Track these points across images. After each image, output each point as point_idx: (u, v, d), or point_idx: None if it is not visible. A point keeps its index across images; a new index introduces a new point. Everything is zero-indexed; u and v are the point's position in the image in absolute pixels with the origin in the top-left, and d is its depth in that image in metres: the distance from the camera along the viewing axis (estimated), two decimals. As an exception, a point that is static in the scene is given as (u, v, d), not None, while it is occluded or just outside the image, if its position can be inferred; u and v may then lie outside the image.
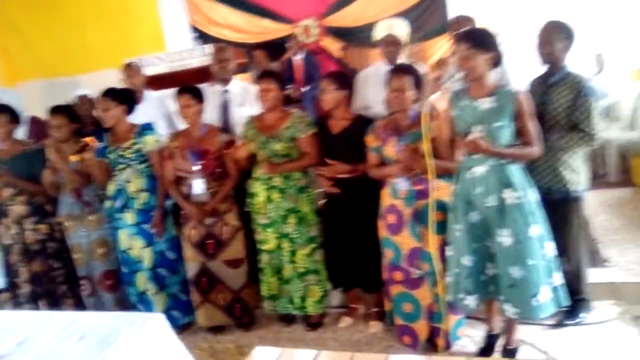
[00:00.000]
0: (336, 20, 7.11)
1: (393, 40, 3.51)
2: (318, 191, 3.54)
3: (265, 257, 3.45)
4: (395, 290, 3.04)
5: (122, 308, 3.65)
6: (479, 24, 3.43)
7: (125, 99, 3.54)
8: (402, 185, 2.89)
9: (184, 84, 3.58)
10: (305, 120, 3.32)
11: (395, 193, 2.94)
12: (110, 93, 3.49)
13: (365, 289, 3.42)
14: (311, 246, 3.36)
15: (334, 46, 7.13)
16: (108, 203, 3.54)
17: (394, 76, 2.90)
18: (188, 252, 3.49)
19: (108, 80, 4.00)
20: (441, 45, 6.59)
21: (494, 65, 2.58)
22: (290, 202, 3.30)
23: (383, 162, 3.00)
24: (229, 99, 3.77)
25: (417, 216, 2.87)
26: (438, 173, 2.75)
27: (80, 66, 7.75)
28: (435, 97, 2.64)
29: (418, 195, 2.87)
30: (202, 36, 7.29)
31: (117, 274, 3.72)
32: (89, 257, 3.68)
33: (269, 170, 3.27)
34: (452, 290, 2.74)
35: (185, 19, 7.60)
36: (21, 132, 4.46)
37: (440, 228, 2.81)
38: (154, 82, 4.83)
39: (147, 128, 3.55)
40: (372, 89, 3.42)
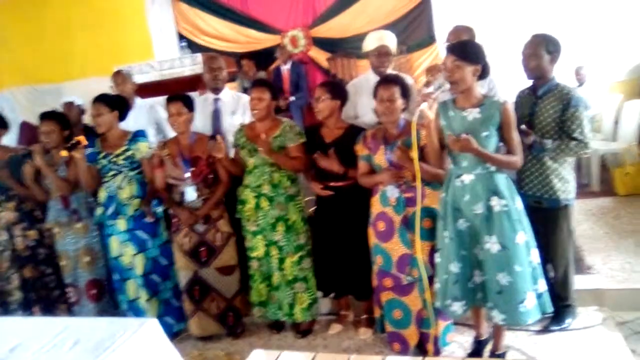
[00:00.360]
0: (323, 31, 7.20)
1: (385, 51, 3.54)
2: (308, 199, 3.57)
3: (254, 264, 3.47)
4: (386, 297, 3.07)
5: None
6: (480, 36, 3.44)
7: (118, 105, 3.54)
8: (392, 192, 2.94)
9: (174, 92, 3.58)
10: (295, 130, 3.34)
11: (385, 200, 2.98)
12: (103, 99, 3.49)
13: (356, 297, 3.44)
14: (299, 254, 3.38)
15: (321, 56, 7.20)
16: (99, 210, 3.53)
17: (382, 87, 2.93)
18: (180, 261, 3.48)
19: (94, 88, 3.99)
20: (427, 57, 6.71)
21: (482, 76, 2.64)
22: (278, 210, 3.32)
23: (373, 171, 3.04)
24: (220, 107, 3.78)
25: (407, 223, 2.91)
26: (427, 181, 2.81)
27: (64, 73, 7.74)
28: (424, 106, 2.69)
29: (407, 202, 2.91)
30: (190, 45, 7.32)
31: (102, 284, 3.71)
32: (75, 264, 3.66)
33: (265, 150, 3.18)
34: (440, 296, 2.78)
35: (173, 28, 7.63)
36: (10, 138, 4.44)
37: (430, 235, 2.86)
38: (144, 90, 4.84)
39: (140, 135, 3.56)
40: (362, 98, 3.45)
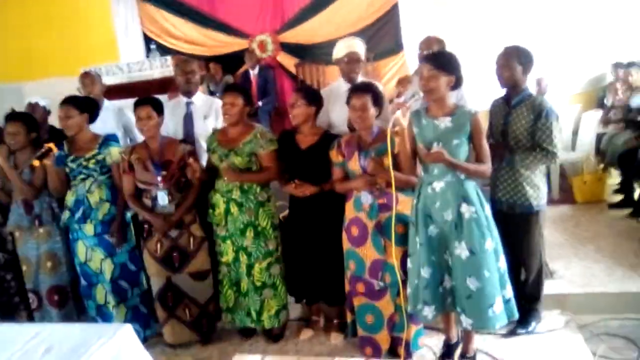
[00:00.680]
0: (291, 36, 7.21)
1: (355, 58, 3.57)
2: (280, 204, 3.58)
3: (223, 269, 3.45)
4: (358, 301, 3.11)
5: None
6: (448, 45, 3.53)
7: (88, 107, 3.47)
8: (366, 198, 2.98)
9: (143, 95, 3.52)
10: (267, 136, 3.31)
11: (358, 206, 3.02)
12: (72, 101, 3.41)
13: (328, 303, 3.45)
14: (268, 260, 3.36)
15: (289, 62, 7.21)
16: (66, 214, 3.45)
17: (354, 95, 2.96)
18: (152, 268, 3.41)
19: (56, 89, 3.91)
20: (394, 65, 6.82)
21: (455, 87, 2.72)
22: (248, 216, 3.30)
23: (347, 177, 3.08)
24: (192, 111, 3.75)
25: (380, 229, 2.96)
26: (400, 187, 2.86)
27: (24, 73, 7.53)
28: (399, 114, 2.75)
29: (381, 208, 2.96)
30: (157, 47, 7.23)
31: (65, 290, 3.62)
32: (36, 270, 3.57)
33: (228, 176, 3.24)
34: (412, 301, 2.84)
35: (138, 29, 7.51)
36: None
37: (402, 240, 2.91)
38: (112, 91, 4.75)
39: (112, 139, 3.49)
40: (335, 106, 3.47)
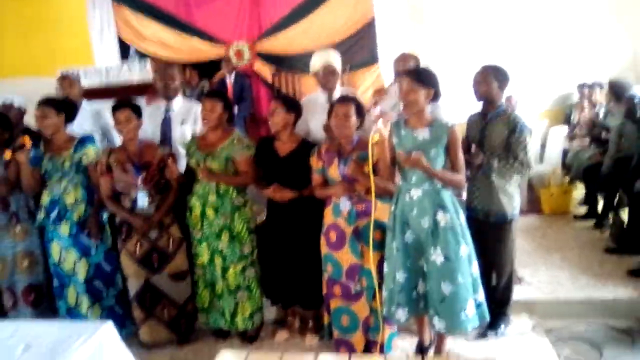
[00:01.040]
0: (268, 46, 7.24)
1: (332, 70, 3.66)
2: (258, 208, 3.63)
3: (199, 271, 3.48)
4: (334, 304, 3.18)
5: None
6: (422, 61, 3.66)
7: (64, 108, 3.48)
8: (344, 204, 3.07)
9: (120, 98, 3.53)
10: (243, 142, 3.36)
11: (337, 212, 3.10)
12: (49, 101, 3.42)
13: (304, 307, 3.50)
14: (243, 264, 3.40)
15: (266, 70, 7.26)
16: (41, 214, 3.44)
17: (339, 104, 3.08)
18: (130, 269, 3.42)
19: (28, 88, 3.89)
20: (369, 75, 6.95)
21: (433, 100, 2.83)
22: (223, 220, 3.34)
23: (327, 183, 3.16)
24: (171, 116, 3.77)
25: (358, 234, 3.05)
26: (378, 194, 2.95)
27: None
28: (380, 124, 2.85)
29: (359, 214, 3.05)
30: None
31: (41, 289, 3.60)
32: (12, 269, 3.54)
33: (203, 175, 3.28)
34: (387, 304, 2.93)
35: (114, 33, 7.45)
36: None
37: (379, 246, 3.00)
38: (89, 94, 4.74)
39: (88, 140, 3.50)
40: (314, 116, 3.55)
